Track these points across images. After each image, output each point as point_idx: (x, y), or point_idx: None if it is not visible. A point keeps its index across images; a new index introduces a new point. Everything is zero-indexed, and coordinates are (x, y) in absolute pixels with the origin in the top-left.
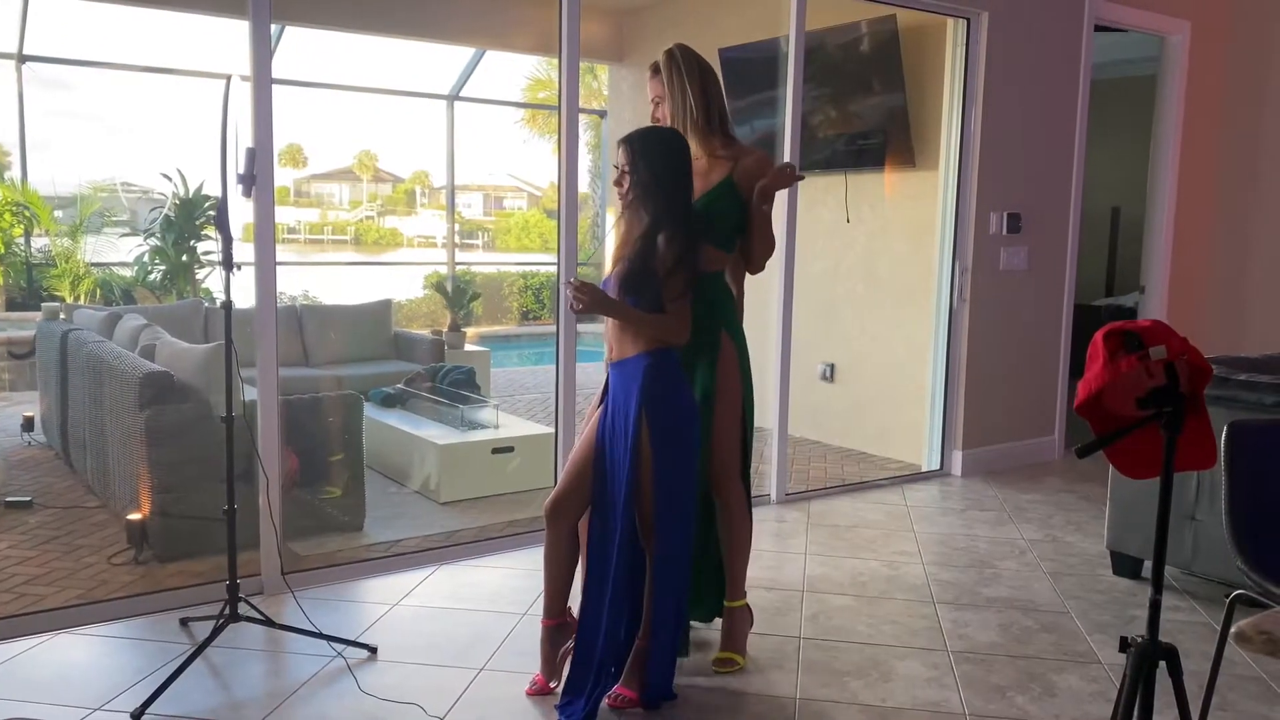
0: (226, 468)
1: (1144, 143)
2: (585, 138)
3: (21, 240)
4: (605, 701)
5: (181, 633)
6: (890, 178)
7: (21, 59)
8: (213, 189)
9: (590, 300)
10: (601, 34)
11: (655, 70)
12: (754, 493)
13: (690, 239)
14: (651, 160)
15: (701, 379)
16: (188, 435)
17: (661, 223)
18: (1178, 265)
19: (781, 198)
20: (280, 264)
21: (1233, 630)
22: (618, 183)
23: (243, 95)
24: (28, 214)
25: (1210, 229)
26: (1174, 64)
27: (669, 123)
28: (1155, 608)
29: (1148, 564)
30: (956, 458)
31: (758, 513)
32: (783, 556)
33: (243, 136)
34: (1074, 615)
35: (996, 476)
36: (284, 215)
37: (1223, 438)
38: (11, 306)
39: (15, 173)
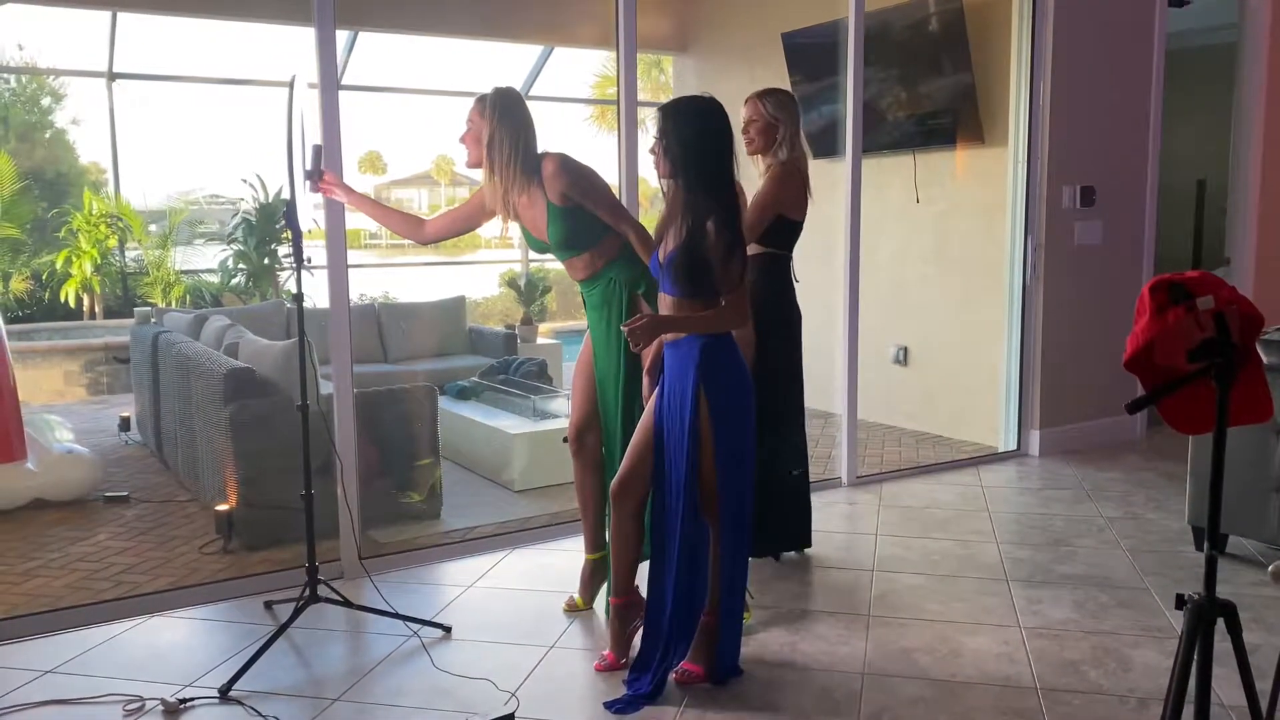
0: (303, 452)
1: (1229, 114)
2: (652, 131)
3: (116, 251)
4: (672, 677)
5: (265, 615)
6: (959, 156)
7: (112, 77)
8: None
9: (648, 332)
10: (664, 26)
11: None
12: (825, 475)
13: (737, 222)
14: (681, 129)
15: None
16: (270, 428)
17: (702, 204)
18: (1264, 237)
19: (845, 179)
20: (355, 266)
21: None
22: (652, 150)
23: (312, 99)
24: (121, 225)
25: None
26: (1255, 27)
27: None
28: (1212, 563)
29: (1231, 538)
30: (1034, 438)
31: (828, 495)
32: (853, 538)
33: (312, 137)
34: (1153, 591)
35: (1075, 456)
36: (366, 222)
37: None
38: (109, 314)
39: (109, 187)
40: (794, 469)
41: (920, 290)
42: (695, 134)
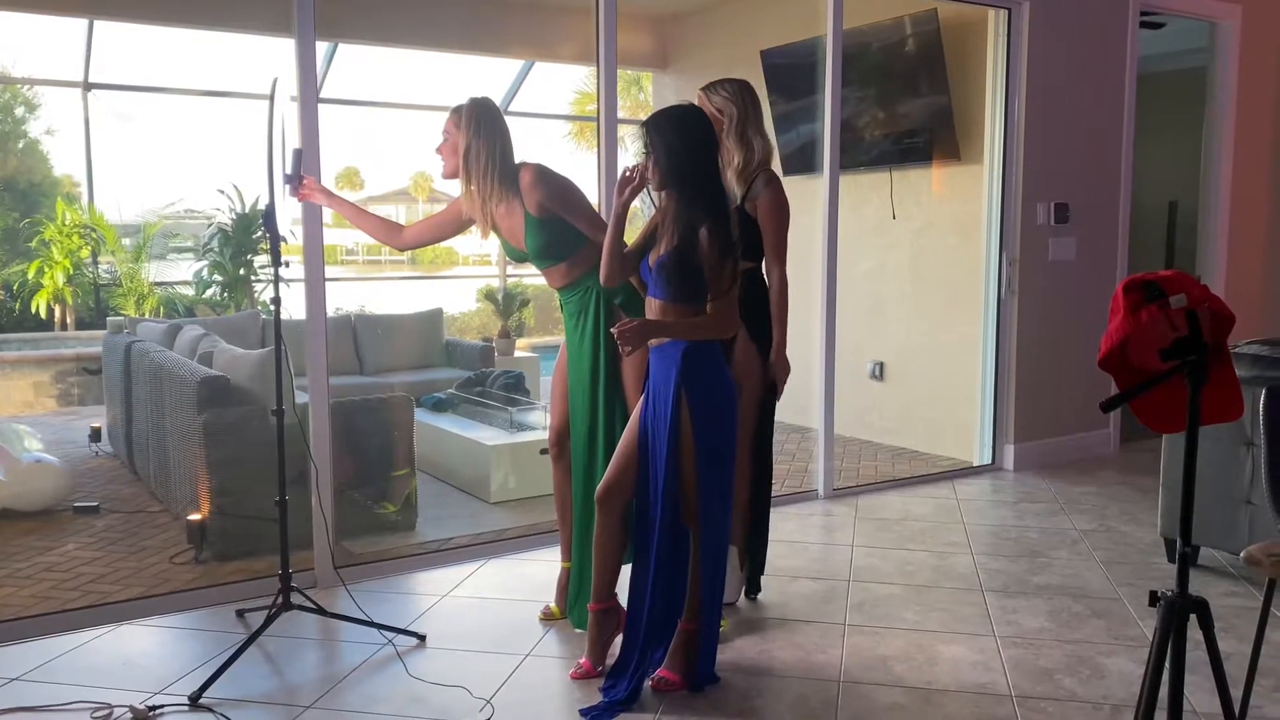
0: (278, 456)
1: (1200, 136)
2: (632, 149)
3: (89, 262)
4: (648, 684)
5: (238, 623)
6: (936, 173)
7: (87, 86)
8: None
9: (639, 336)
10: (644, 43)
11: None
12: (801, 488)
13: (729, 228)
14: (666, 138)
15: None
16: (244, 437)
17: (696, 211)
18: (1234, 257)
19: (822, 196)
20: (332, 280)
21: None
22: (642, 168)
23: (292, 108)
24: (94, 236)
25: (1268, 219)
26: (1225, 51)
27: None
28: (1184, 560)
29: (1203, 550)
30: (1009, 452)
31: (804, 507)
32: (829, 549)
33: (293, 141)
34: (1126, 601)
35: (1050, 470)
36: (342, 237)
37: (1262, 400)
38: (80, 326)
39: (83, 199)
40: None
41: (897, 306)
42: (680, 141)
